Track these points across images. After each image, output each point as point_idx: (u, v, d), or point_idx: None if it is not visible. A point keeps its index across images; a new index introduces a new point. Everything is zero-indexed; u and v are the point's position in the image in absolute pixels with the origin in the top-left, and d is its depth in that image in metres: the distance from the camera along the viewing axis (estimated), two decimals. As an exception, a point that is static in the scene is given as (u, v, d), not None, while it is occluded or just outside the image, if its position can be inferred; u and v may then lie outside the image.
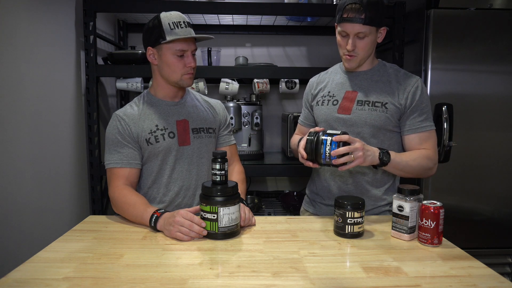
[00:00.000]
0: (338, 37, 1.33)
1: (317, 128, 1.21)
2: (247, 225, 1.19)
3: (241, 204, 1.19)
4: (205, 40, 1.35)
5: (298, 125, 1.59)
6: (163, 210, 1.16)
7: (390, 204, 1.35)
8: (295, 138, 1.51)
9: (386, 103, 1.31)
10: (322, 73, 1.51)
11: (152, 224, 1.14)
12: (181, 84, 1.33)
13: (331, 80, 1.44)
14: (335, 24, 1.33)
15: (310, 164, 1.20)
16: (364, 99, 1.34)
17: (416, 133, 1.31)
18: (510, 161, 1.93)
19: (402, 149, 1.37)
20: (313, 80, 1.51)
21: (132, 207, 1.21)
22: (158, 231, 1.14)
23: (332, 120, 1.37)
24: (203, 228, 1.08)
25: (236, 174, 1.46)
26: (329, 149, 1.14)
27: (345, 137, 1.14)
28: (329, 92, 1.41)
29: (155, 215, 1.14)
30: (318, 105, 1.42)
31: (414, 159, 1.28)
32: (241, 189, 1.35)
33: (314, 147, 1.16)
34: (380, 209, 1.38)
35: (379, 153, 1.21)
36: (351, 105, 1.34)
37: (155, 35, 1.27)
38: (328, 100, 1.39)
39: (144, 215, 1.17)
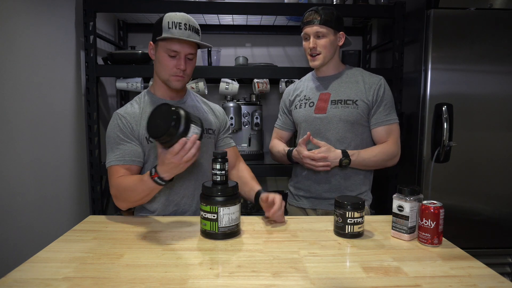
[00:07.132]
0: (303, 44, 1.53)
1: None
2: (274, 218, 1.23)
3: (277, 194, 1.22)
4: (205, 47, 1.35)
5: (275, 129, 1.76)
6: (153, 169, 1.14)
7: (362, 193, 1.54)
8: (277, 144, 1.68)
9: (356, 100, 1.49)
10: (296, 82, 1.70)
11: (158, 180, 1.12)
12: (169, 84, 1.33)
13: (305, 86, 1.62)
14: (302, 36, 1.53)
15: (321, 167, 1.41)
16: (337, 98, 1.51)
17: (382, 126, 1.49)
18: (510, 161, 1.93)
19: (373, 142, 1.54)
20: (289, 88, 1.69)
21: (130, 189, 1.21)
22: (166, 184, 1.13)
23: (311, 120, 1.54)
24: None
25: (247, 171, 1.47)
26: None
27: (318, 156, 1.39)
28: (305, 96, 1.59)
29: (153, 174, 1.12)
30: (296, 108, 1.60)
31: (375, 155, 1.46)
32: (256, 183, 1.39)
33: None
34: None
35: (340, 160, 1.42)
36: (326, 105, 1.52)
37: (154, 30, 1.30)
38: (305, 103, 1.57)
39: (144, 184, 1.15)
